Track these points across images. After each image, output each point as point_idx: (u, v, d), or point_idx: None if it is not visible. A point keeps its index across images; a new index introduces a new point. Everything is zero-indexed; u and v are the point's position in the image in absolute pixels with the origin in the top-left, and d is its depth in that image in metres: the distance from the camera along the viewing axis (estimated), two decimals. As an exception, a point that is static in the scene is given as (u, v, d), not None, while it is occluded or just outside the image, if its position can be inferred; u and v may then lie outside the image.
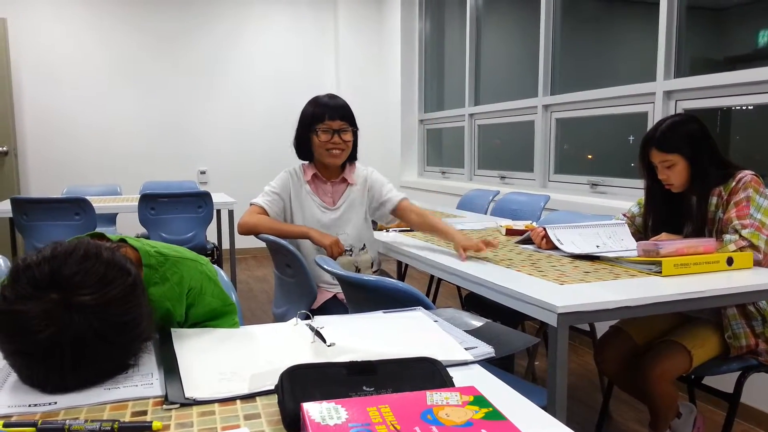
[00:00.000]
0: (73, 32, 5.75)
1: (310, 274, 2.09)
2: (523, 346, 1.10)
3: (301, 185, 2.36)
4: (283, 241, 2.17)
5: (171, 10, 5.97)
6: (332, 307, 2.24)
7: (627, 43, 3.89)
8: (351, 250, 2.34)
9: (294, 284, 2.20)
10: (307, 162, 2.40)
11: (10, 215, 3.63)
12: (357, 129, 2.33)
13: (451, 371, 0.88)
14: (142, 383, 0.91)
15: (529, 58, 4.23)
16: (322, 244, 2.17)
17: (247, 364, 0.97)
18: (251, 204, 2.32)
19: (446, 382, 0.84)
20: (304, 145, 2.33)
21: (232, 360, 1.00)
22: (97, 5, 5.78)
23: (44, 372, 0.86)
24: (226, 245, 4.24)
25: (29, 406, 0.84)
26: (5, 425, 0.77)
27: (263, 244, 2.28)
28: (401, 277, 3.69)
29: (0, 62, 5.39)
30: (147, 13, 5.91)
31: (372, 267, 2.40)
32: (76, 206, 3.56)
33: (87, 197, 3.66)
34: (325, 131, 2.25)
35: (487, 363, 1.02)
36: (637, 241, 1.95)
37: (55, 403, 0.84)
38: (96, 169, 5.74)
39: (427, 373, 0.86)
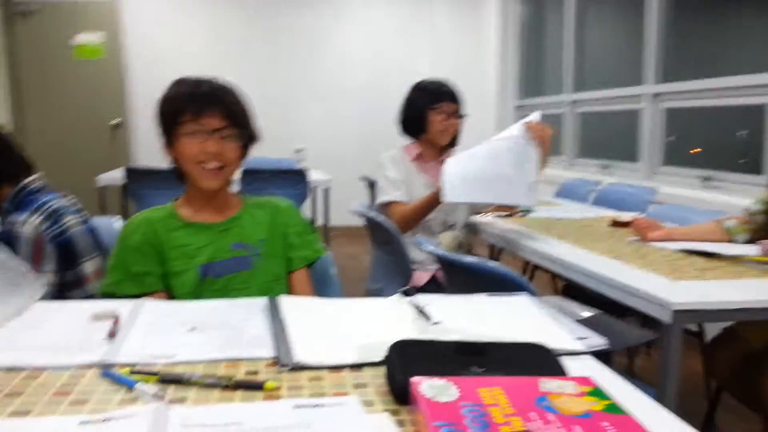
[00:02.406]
0: (183, 16, 6.00)
1: (407, 252, 2.09)
2: (638, 340, 1.05)
3: (405, 165, 2.39)
4: (380, 218, 2.18)
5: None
6: (428, 287, 2.23)
7: (746, 29, 3.60)
8: (454, 225, 2.38)
9: (391, 262, 2.21)
10: (411, 142, 2.45)
11: (124, 182, 3.86)
12: (464, 115, 2.40)
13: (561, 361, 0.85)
14: (254, 345, 0.94)
15: (637, 43, 4.01)
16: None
17: (353, 335, 0.98)
18: (388, 202, 2.32)
19: (559, 371, 0.81)
20: (415, 123, 2.39)
21: (338, 329, 1.01)
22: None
23: None
24: (320, 221, 4.34)
25: (151, 356, 0.88)
26: (131, 372, 0.81)
27: (356, 222, 2.31)
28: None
29: (113, 40, 5.73)
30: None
31: (469, 248, 2.41)
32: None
33: (193, 168, 3.82)
34: (439, 112, 2.33)
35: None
36: (758, 241, 1.81)
37: (175, 356, 0.88)
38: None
39: (538, 360, 0.83)
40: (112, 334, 0.95)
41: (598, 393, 0.73)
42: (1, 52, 5.63)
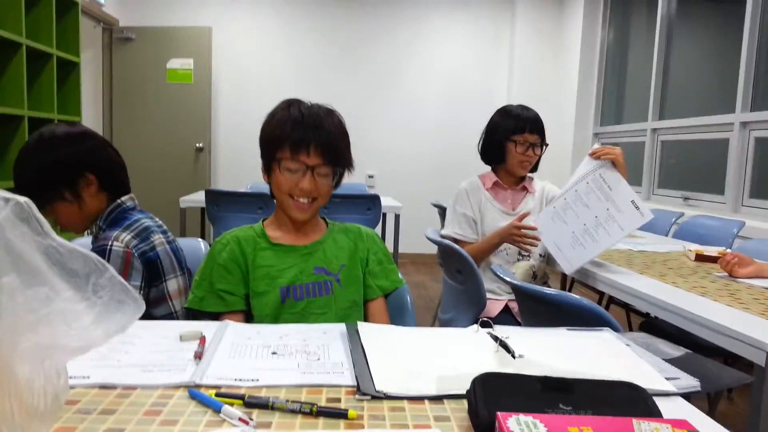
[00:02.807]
0: (267, 42, 6.26)
1: (480, 282, 2.07)
2: (733, 383, 0.99)
3: (481, 194, 2.39)
4: (456, 246, 2.16)
5: (354, 23, 6.28)
6: (501, 317, 2.19)
7: None
8: (530, 256, 2.34)
9: (463, 291, 2.19)
10: (488, 170, 2.46)
11: (203, 205, 4.01)
12: (547, 144, 2.36)
13: (653, 401, 0.81)
14: (334, 371, 0.94)
15: (725, 70, 3.86)
16: (507, 233, 2.19)
17: (433, 366, 0.97)
18: (453, 236, 2.36)
19: (653, 412, 0.78)
20: (494, 153, 2.37)
21: (417, 359, 1.00)
22: (291, 18, 6.24)
23: None
24: (389, 248, 4.34)
25: (235, 380, 0.90)
26: (217, 395, 0.83)
27: (425, 250, 2.31)
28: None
29: (204, 67, 6.01)
30: (332, 25, 6.27)
31: (544, 278, 2.36)
32: (260, 201, 3.83)
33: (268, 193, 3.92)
34: (522, 143, 2.30)
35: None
36: None
37: (258, 380, 0.90)
38: (276, 167, 6.15)
39: (630, 400, 0.80)
40: (198, 356, 0.97)
41: (696, 439, 0.69)
42: (101, 76, 6.01)
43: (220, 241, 1.44)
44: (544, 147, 2.36)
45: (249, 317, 1.41)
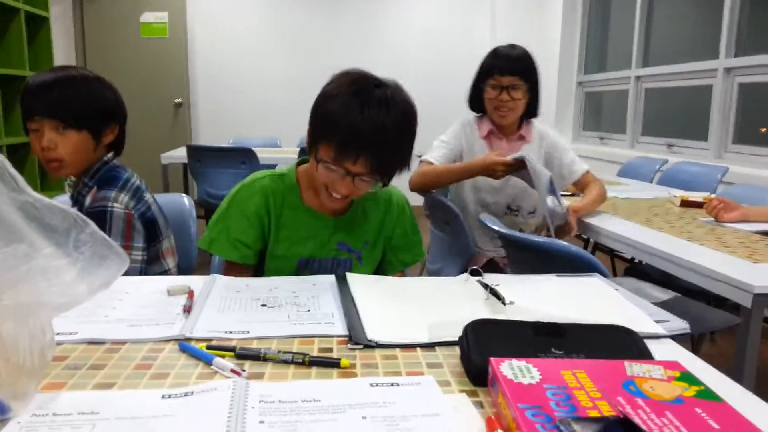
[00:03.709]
0: (243, -8, 6.07)
1: (468, 232, 2.06)
2: (721, 325, 1.00)
3: (476, 140, 2.21)
4: (444, 198, 2.15)
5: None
6: (488, 270, 2.19)
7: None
8: (518, 211, 2.24)
9: (450, 241, 2.19)
10: (482, 115, 2.25)
11: (185, 161, 3.95)
12: (535, 83, 2.12)
13: (643, 343, 0.82)
14: (325, 322, 0.94)
15: (709, 16, 3.82)
16: (483, 168, 1.98)
17: (424, 314, 0.97)
18: (421, 161, 2.19)
19: (645, 354, 0.78)
20: (477, 99, 2.19)
21: (408, 308, 1.00)
22: (266, -36, 6.04)
23: None
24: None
25: (226, 332, 0.89)
26: (208, 347, 0.82)
27: (411, 202, 2.27)
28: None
29: (179, 20, 5.83)
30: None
31: (536, 231, 2.28)
32: (243, 156, 3.78)
33: (252, 147, 3.87)
34: (493, 87, 2.10)
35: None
36: None
37: (248, 332, 0.89)
38: (257, 122, 6.06)
39: (621, 343, 0.80)
40: (187, 309, 0.96)
41: (688, 378, 0.69)
42: (72, 30, 5.81)
43: (247, 187, 1.33)
44: (531, 90, 2.12)
45: (257, 272, 1.35)
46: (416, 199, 2.36)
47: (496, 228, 1.61)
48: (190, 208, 1.79)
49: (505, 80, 2.09)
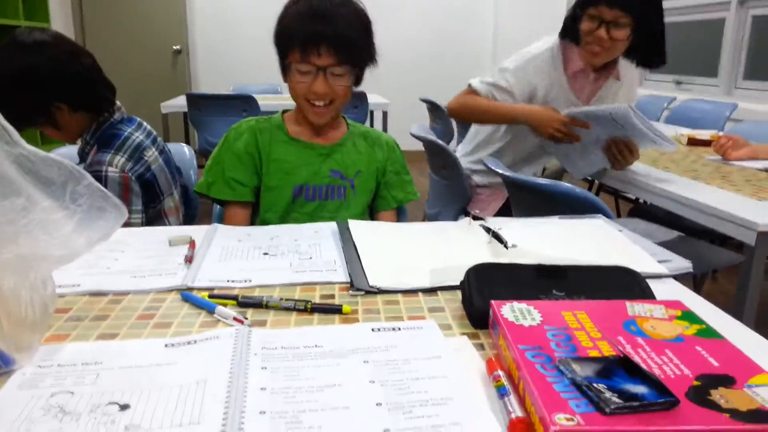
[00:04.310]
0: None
1: (464, 176, 2.04)
2: (725, 263, 1.00)
3: (558, 74, 1.88)
4: (440, 142, 2.12)
5: None
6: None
7: None
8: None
9: (448, 186, 2.17)
10: (571, 43, 1.87)
11: (185, 110, 3.91)
12: (649, 23, 1.73)
13: (645, 283, 0.81)
14: (327, 269, 0.94)
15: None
16: (547, 122, 1.72)
17: (426, 259, 0.96)
18: (468, 85, 1.94)
19: (646, 294, 0.78)
20: (572, 26, 1.82)
21: (409, 254, 1.00)
22: None
23: None
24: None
25: (227, 281, 0.89)
26: (211, 296, 0.82)
27: (413, 147, 2.23)
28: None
29: (173, -37, 5.67)
30: None
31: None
32: (244, 103, 3.74)
33: (252, 95, 3.82)
34: (591, 18, 1.72)
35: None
36: None
37: (250, 280, 0.89)
38: (258, 68, 5.95)
39: (623, 283, 0.80)
40: (189, 259, 0.96)
41: (689, 317, 0.70)
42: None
43: (236, 128, 1.39)
44: (642, 30, 1.72)
45: (255, 211, 1.40)
46: (418, 144, 2.34)
47: (500, 171, 1.60)
48: (191, 157, 1.79)
49: (607, 13, 1.70)
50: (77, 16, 5.79)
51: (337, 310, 0.79)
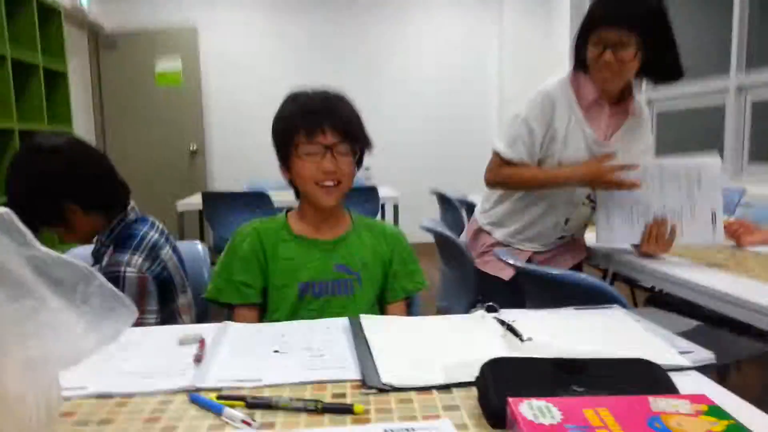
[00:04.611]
0: (254, 36, 6.19)
1: (472, 269, 2.00)
2: (748, 353, 0.96)
3: (572, 108, 1.76)
4: (448, 233, 2.13)
5: (340, 10, 6.22)
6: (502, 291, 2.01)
7: None
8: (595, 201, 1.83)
9: (457, 278, 2.16)
10: (581, 73, 1.77)
11: (200, 207, 3.98)
12: (659, 37, 1.63)
13: (668, 377, 0.79)
14: (338, 366, 0.92)
15: (719, 33, 3.81)
16: (597, 175, 1.65)
17: (439, 354, 0.94)
18: (494, 152, 1.84)
19: (670, 388, 0.75)
20: (577, 54, 1.75)
21: (422, 349, 0.98)
22: (276, 10, 6.17)
23: None
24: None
25: (237, 381, 0.87)
26: (219, 397, 0.80)
27: (424, 239, 2.22)
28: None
29: (192, 68, 5.96)
30: (319, 15, 6.20)
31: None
32: (258, 200, 3.81)
33: (266, 191, 3.90)
34: (595, 44, 1.64)
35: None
36: None
37: (260, 380, 0.87)
38: (272, 165, 6.10)
39: (645, 377, 0.77)
40: (198, 358, 0.95)
41: (716, 412, 0.66)
42: (90, 83, 5.96)
43: (240, 232, 1.41)
44: (652, 46, 1.61)
45: (263, 312, 1.38)
46: (429, 236, 2.34)
47: (511, 262, 1.59)
48: (204, 255, 1.79)
49: (609, 36, 1.60)
50: (98, 119, 6.04)
51: (348, 410, 0.76)
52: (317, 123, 1.30)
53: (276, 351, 0.99)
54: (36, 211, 1.37)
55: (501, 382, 0.75)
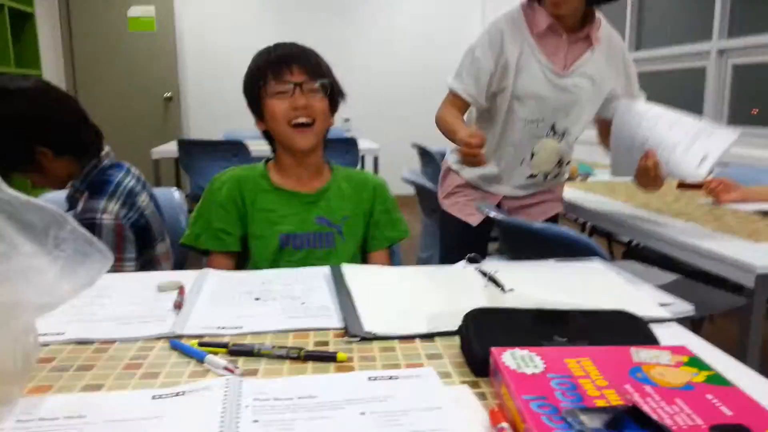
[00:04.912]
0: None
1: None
2: (726, 306, 0.98)
3: (524, 38, 1.70)
4: (429, 184, 2.12)
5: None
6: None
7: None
8: (565, 133, 1.78)
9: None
10: (533, 2, 1.73)
11: (176, 155, 3.90)
12: None
13: (648, 328, 0.79)
14: (320, 315, 0.91)
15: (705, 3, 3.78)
16: (458, 142, 1.57)
17: (422, 304, 0.94)
18: (451, 93, 1.78)
19: (651, 339, 0.76)
20: None
21: (405, 299, 0.98)
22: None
23: None
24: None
25: (218, 328, 0.86)
26: (200, 344, 0.79)
27: (405, 192, 2.22)
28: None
29: (166, 13, 5.77)
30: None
31: (565, 171, 1.94)
32: (235, 148, 3.74)
33: (243, 140, 3.83)
34: None
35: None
36: None
37: (242, 327, 0.86)
38: (247, 114, 5.99)
39: (626, 328, 0.78)
40: (178, 305, 0.93)
41: (696, 363, 0.67)
42: (59, 27, 5.74)
43: (218, 178, 1.38)
44: None
45: (243, 259, 1.37)
46: (410, 189, 2.33)
47: (493, 214, 1.59)
48: (181, 202, 1.76)
49: None
50: (69, 63, 5.84)
51: (331, 357, 0.76)
52: (285, 62, 1.30)
53: (257, 299, 0.98)
54: (5, 155, 1.33)
55: (483, 332, 0.75)
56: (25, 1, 4.05)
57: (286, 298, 0.99)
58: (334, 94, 1.37)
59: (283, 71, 1.29)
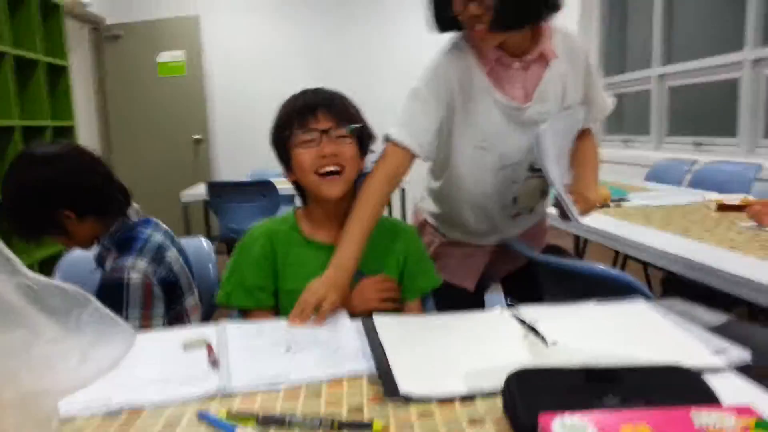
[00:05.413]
0: (256, 26, 6.09)
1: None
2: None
3: (472, 74, 1.46)
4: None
5: (344, 2, 6.10)
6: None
7: None
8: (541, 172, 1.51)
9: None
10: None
11: (205, 197, 3.94)
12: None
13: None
14: (352, 360, 0.91)
15: (733, 6, 3.71)
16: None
17: (458, 358, 0.90)
18: (386, 140, 1.45)
19: (710, 397, 0.70)
20: (442, 17, 1.45)
21: (440, 352, 0.93)
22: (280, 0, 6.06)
23: None
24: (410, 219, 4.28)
25: (265, 383, 0.85)
26: (229, 415, 0.76)
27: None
28: (579, 254, 3.42)
29: (195, 57, 5.89)
30: (323, 4, 6.08)
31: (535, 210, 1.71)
32: (262, 188, 3.77)
33: (270, 179, 3.85)
34: None
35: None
36: None
37: (281, 382, 0.85)
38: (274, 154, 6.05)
39: (683, 385, 0.72)
40: (214, 363, 0.90)
41: (765, 426, 0.62)
42: (92, 77, 5.90)
43: (251, 234, 1.36)
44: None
45: (277, 314, 1.34)
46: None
47: (526, 254, 1.54)
48: (209, 251, 1.76)
49: None
50: (102, 111, 5.99)
51: (366, 426, 0.72)
52: (310, 110, 1.27)
53: (288, 349, 0.97)
54: (33, 221, 1.34)
55: (529, 396, 0.70)
56: (60, 55, 4.16)
57: (314, 344, 0.98)
58: (363, 138, 1.33)
59: (308, 119, 1.26)
